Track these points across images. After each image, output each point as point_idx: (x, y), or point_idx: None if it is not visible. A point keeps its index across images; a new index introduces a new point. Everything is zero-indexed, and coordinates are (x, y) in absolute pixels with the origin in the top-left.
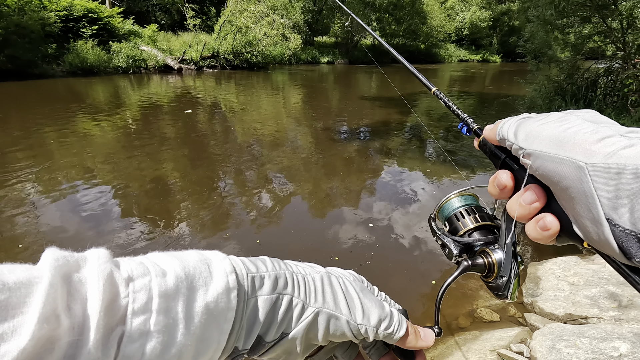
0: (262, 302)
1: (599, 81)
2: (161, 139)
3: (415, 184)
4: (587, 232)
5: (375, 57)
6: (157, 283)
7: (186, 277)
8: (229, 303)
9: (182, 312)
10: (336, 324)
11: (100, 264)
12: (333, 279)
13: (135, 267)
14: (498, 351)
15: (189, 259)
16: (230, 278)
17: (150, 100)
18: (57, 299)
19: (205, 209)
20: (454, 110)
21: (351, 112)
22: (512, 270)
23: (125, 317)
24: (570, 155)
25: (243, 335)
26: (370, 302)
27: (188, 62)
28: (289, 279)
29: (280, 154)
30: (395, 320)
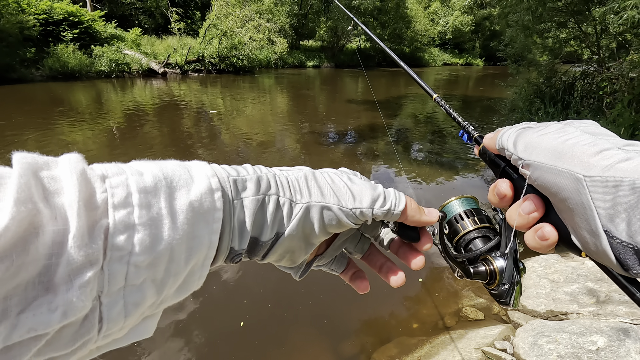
0: (248, 203)
1: (576, 84)
2: (146, 144)
3: (402, 185)
4: (585, 243)
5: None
6: (135, 180)
7: (165, 178)
8: (213, 203)
9: (165, 207)
10: (328, 214)
11: (71, 163)
12: (317, 174)
13: (109, 167)
14: (482, 349)
15: (166, 164)
16: (213, 180)
17: (135, 104)
18: (32, 188)
19: None
20: (455, 118)
21: (338, 116)
22: (514, 278)
23: (107, 210)
24: (568, 167)
25: (237, 236)
26: (359, 187)
27: (173, 66)
28: (271, 181)
29: (267, 157)
30: (391, 196)
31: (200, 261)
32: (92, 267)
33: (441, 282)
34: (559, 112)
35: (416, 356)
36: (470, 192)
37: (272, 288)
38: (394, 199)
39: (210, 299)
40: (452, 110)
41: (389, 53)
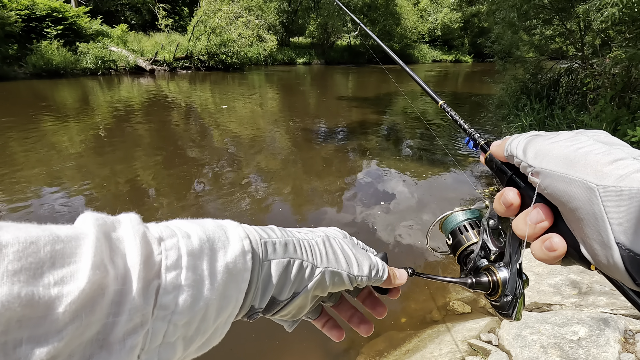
0: (275, 265)
1: (560, 80)
2: (134, 143)
3: (393, 182)
4: (595, 255)
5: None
6: (185, 243)
7: (208, 240)
8: (245, 264)
9: (207, 269)
10: (339, 278)
11: (134, 225)
12: (332, 240)
13: (163, 229)
14: (469, 341)
15: (207, 225)
16: (245, 242)
17: (122, 102)
18: (103, 251)
19: (183, 215)
20: (461, 125)
21: (328, 113)
22: (517, 290)
23: (160, 271)
24: (581, 176)
25: (259, 295)
26: (361, 256)
27: (161, 63)
28: (296, 245)
29: (258, 155)
30: (380, 267)
31: (225, 319)
32: (143, 328)
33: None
34: (544, 107)
35: (404, 350)
36: (459, 188)
37: None
38: (381, 269)
39: None
40: (458, 117)
41: (394, 57)
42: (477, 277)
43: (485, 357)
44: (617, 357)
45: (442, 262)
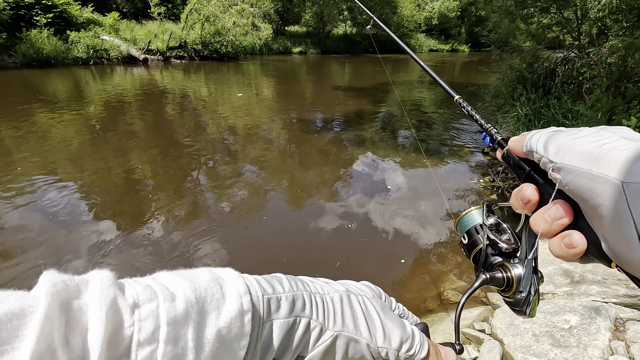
0: (278, 326)
1: (557, 70)
2: (129, 133)
3: (390, 173)
4: (617, 253)
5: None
6: (166, 309)
7: (197, 301)
8: (242, 328)
9: (192, 340)
10: (356, 347)
11: (103, 289)
12: (353, 298)
13: (141, 292)
14: (462, 330)
15: (200, 280)
16: (245, 300)
17: (115, 92)
18: (54, 332)
19: (180, 206)
20: (478, 120)
21: (325, 103)
22: (532, 286)
23: (130, 349)
24: (605, 172)
25: (258, 359)
26: (391, 323)
27: (154, 53)
28: (306, 300)
29: (255, 145)
30: (417, 341)
31: None
32: None
33: (423, 267)
34: (540, 97)
35: None
36: (456, 178)
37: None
38: (418, 344)
39: None
40: (474, 112)
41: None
42: (492, 273)
43: (478, 346)
44: (608, 344)
45: (438, 251)
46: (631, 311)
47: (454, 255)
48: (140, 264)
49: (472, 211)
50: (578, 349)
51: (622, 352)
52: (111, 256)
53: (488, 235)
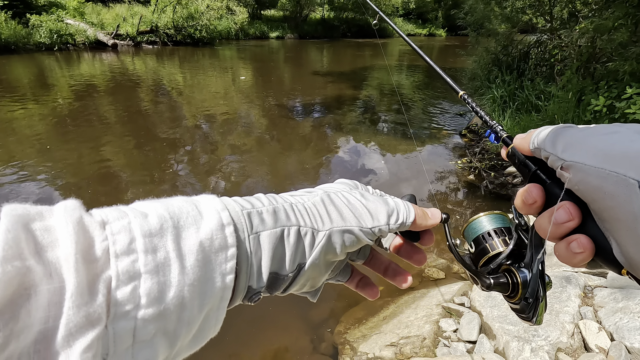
0: (266, 238)
1: (530, 52)
2: (101, 123)
3: (371, 157)
4: (630, 259)
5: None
6: (138, 223)
7: (171, 217)
8: (225, 239)
9: (173, 250)
10: (350, 236)
11: (67, 211)
12: (333, 196)
13: (109, 212)
14: (443, 305)
15: (172, 201)
16: (223, 214)
17: (84, 80)
18: (21, 243)
19: (157, 197)
20: (482, 117)
21: (304, 89)
22: (539, 292)
23: (109, 261)
24: (619, 171)
25: (254, 273)
26: (374, 204)
27: (124, 38)
28: (289, 211)
29: (233, 133)
30: (402, 209)
31: (216, 305)
32: (94, 328)
33: None
34: (514, 79)
35: (382, 316)
36: (435, 160)
37: None
38: (404, 211)
39: None
40: (479, 108)
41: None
42: (496, 278)
43: (458, 319)
44: (577, 310)
45: None
46: (598, 279)
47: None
48: None
49: (482, 217)
50: (551, 315)
51: (590, 316)
52: None
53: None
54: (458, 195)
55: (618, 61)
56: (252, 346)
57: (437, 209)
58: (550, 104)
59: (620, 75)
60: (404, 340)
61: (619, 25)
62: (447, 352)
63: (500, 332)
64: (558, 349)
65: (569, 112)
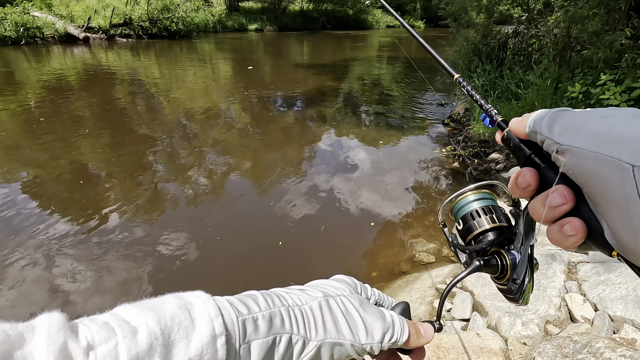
0: (256, 347)
1: (508, 42)
2: (75, 121)
3: (356, 148)
4: (622, 242)
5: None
6: (126, 346)
7: (162, 332)
8: (215, 354)
9: None
10: (340, 350)
11: (51, 334)
12: (331, 302)
13: (97, 331)
14: (435, 286)
15: (165, 308)
16: (216, 323)
17: (55, 76)
18: None
19: (138, 197)
20: (477, 100)
21: (285, 82)
22: (527, 274)
23: None
24: (614, 154)
25: None
26: (371, 317)
27: (96, 31)
28: (284, 316)
29: (215, 128)
30: (397, 328)
31: None
32: None
33: (395, 234)
34: (494, 68)
35: None
36: (420, 149)
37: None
38: (399, 329)
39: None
40: (474, 92)
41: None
42: (485, 259)
43: (451, 299)
44: (563, 285)
45: (407, 218)
46: (581, 255)
47: (422, 220)
48: (95, 266)
49: (469, 195)
50: (539, 291)
51: (575, 290)
52: (59, 260)
53: (492, 219)
54: (443, 183)
55: (592, 49)
56: None
57: (428, 323)
58: (529, 91)
59: (594, 62)
60: None
61: (593, 14)
62: (443, 330)
63: (492, 309)
64: (547, 321)
65: (547, 99)
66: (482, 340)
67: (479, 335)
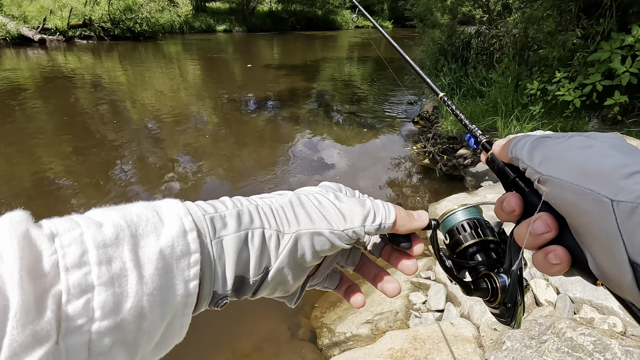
0: (229, 242)
1: (471, 42)
2: (32, 128)
3: (329, 148)
4: (604, 273)
5: (273, 24)
6: (91, 234)
7: (128, 225)
8: (187, 246)
9: (130, 260)
10: (320, 239)
11: (12, 224)
12: (303, 197)
13: (60, 223)
14: (411, 280)
15: (130, 209)
16: (186, 220)
17: (8, 80)
18: None
19: (104, 204)
20: (462, 120)
21: (256, 83)
22: (517, 297)
23: (59, 275)
24: (593, 188)
25: (219, 278)
26: (348, 205)
27: (52, 32)
28: (253, 213)
29: (185, 133)
30: (380, 210)
31: (180, 312)
32: (41, 346)
33: None
34: (460, 67)
35: None
36: (391, 147)
37: None
38: (383, 212)
39: None
40: (459, 111)
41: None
42: (476, 283)
43: (426, 291)
44: (528, 271)
45: None
46: None
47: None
48: None
49: (456, 210)
50: None
51: (539, 275)
52: None
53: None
54: (415, 179)
55: (548, 48)
56: (230, 338)
57: (425, 211)
58: (492, 89)
59: (550, 61)
60: (379, 316)
61: (547, 15)
62: (419, 322)
63: (465, 299)
64: None
65: (509, 96)
66: (456, 329)
67: (453, 325)
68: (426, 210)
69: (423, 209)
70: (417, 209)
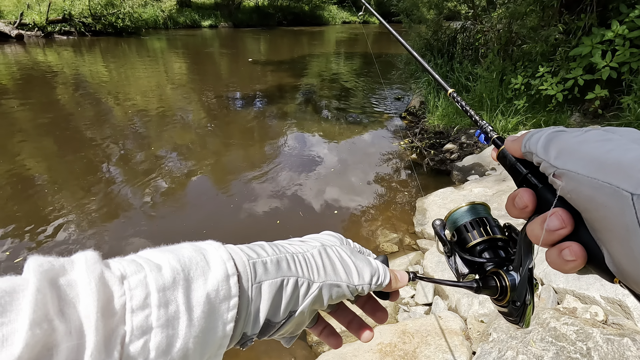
0: (267, 287)
1: (457, 37)
2: (10, 128)
3: (317, 145)
4: (622, 269)
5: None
6: (153, 278)
7: (182, 269)
8: (229, 290)
9: (183, 304)
10: (338, 290)
11: (89, 266)
12: (329, 250)
13: (127, 265)
14: None
15: (182, 251)
16: (229, 265)
17: None
18: (48, 304)
19: (90, 205)
20: (472, 116)
21: (243, 79)
22: (526, 296)
23: (124, 316)
24: (612, 182)
25: (251, 321)
26: (361, 263)
27: (30, 28)
28: (290, 261)
29: (171, 130)
30: (382, 272)
31: (214, 352)
32: None
33: (358, 226)
34: (446, 62)
35: None
36: (379, 142)
37: None
38: (383, 274)
39: None
40: (468, 107)
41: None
42: (484, 280)
43: (414, 285)
44: None
45: (370, 211)
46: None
47: (385, 211)
48: None
49: (462, 208)
50: None
51: None
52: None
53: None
54: (403, 174)
55: (531, 43)
56: None
57: (404, 271)
58: (478, 84)
59: (533, 56)
60: None
61: (530, 10)
62: (407, 316)
63: (452, 292)
64: None
65: (494, 90)
66: (444, 322)
67: (441, 318)
68: (414, 205)
69: (411, 203)
70: (405, 203)
